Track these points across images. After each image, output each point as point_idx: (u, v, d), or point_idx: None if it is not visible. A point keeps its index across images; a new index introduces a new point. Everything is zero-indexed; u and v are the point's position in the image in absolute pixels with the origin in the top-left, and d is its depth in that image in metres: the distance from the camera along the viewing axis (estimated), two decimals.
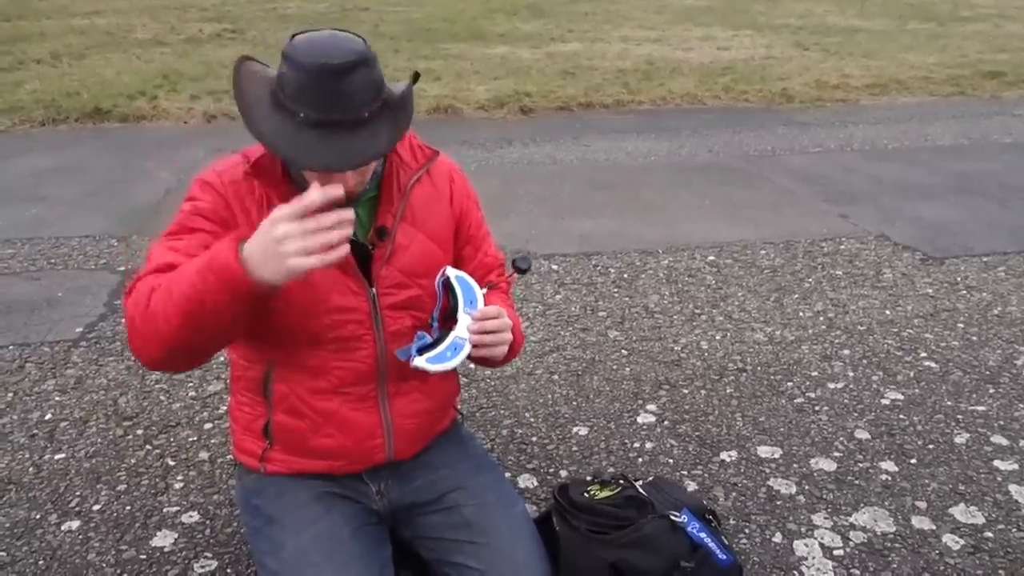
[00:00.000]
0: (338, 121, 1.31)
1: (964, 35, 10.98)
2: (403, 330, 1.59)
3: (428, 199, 1.62)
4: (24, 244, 3.90)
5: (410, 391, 1.66)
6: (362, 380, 1.60)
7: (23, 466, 2.26)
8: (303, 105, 1.31)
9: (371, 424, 1.63)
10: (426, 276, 1.60)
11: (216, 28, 11.67)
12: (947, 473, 2.23)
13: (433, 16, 13.12)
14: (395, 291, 1.57)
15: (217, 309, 1.26)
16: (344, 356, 1.57)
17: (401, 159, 1.58)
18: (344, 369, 1.58)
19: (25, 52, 9.39)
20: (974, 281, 3.49)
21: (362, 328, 1.56)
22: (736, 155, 5.55)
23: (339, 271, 1.52)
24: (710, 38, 10.80)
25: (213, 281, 1.24)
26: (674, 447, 2.35)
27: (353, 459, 1.65)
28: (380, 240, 1.55)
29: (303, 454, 1.65)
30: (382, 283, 1.56)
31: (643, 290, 3.41)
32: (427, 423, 1.72)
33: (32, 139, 6.03)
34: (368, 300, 1.55)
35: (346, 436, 1.62)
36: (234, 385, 1.72)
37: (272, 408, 1.63)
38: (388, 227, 1.55)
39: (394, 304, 1.58)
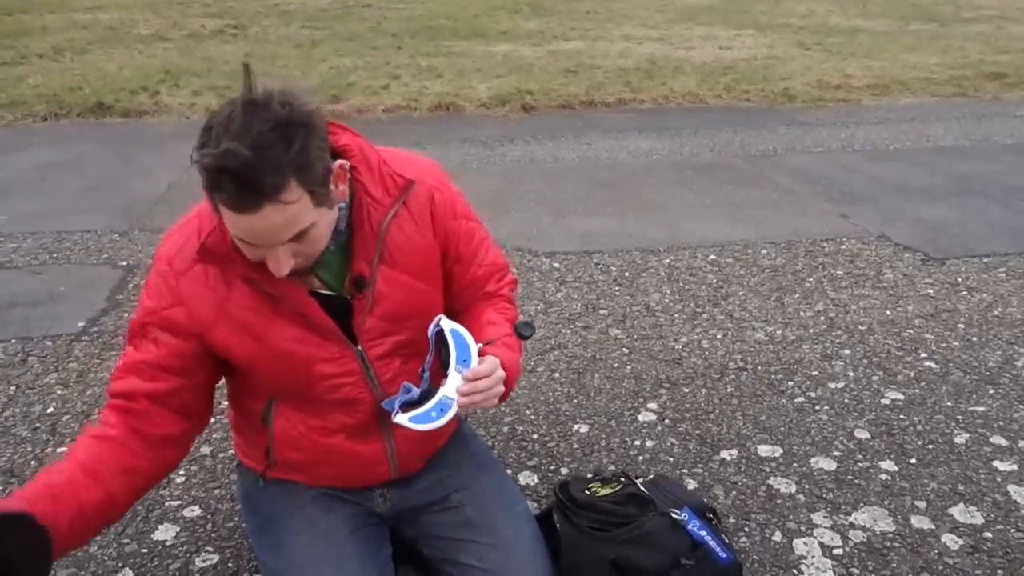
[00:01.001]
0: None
1: (966, 36, 10.97)
2: (398, 372, 1.54)
3: (407, 236, 1.48)
4: (26, 238, 3.91)
5: None
6: (361, 422, 1.57)
7: (25, 459, 2.26)
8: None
9: (375, 452, 1.61)
10: (413, 317, 1.51)
11: (218, 24, 11.67)
12: (947, 473, 2.23)
13: (435, 13, 13.11)
14: (381, 341, 1.51)
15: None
16: (343, 410, 1.55)
17: (372, 196, 1.43)
18: (344, 418, 1.56)
19: (27, 46, 9.38)
20: (975, 282, 3.49)
21: (357, 388, 1.52)
22: (737, 154, 5.56)
23: (320, 339, 1.45)
24: (712, 37, 10.79)
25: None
26: (675, 445, 2.36)
27: (357, 482, 1.66)
28: (359, 291, 1.45)
29: (306, 476, 1.65)
30: (366, 336, 1.49)
31: (644, 288, 3.42)
32: (430, 443, 1.71)
33: (34, 134, 6.03)
34: (356, 358, 1.50)
35: (349, 464, 1.61)
36: (233, 404, 1.70)
37: (273, 439, 1.61)
38: (366, 276, 1.45)
39: (382, 354, 1.52)
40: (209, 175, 1.19)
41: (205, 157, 1.18)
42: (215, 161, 1.17)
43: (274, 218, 1.22)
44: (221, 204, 1.22)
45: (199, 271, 1.41)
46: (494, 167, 5.17)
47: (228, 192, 1.19)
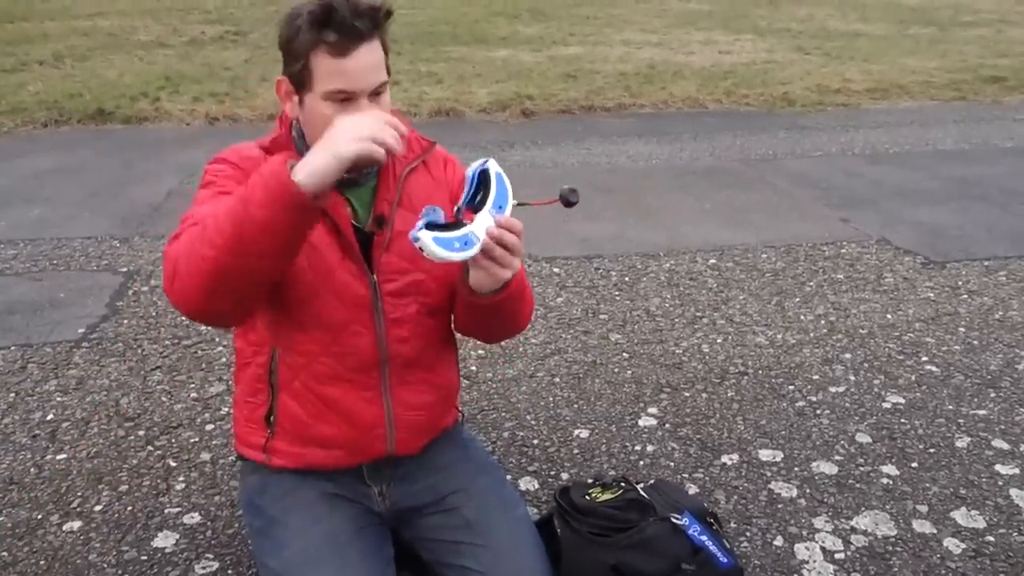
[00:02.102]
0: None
1: (965, 40, 10.99)
2: (405, 317, 1.61)
3: (424, 185, 1.64)
4: (26, 245, 3.91)
5: (413, 382, 1.66)
6: (363, 367, 1.60)
7: (25, 466, 2.26)
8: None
9: (373, 415, 1.63)
10: (426, 260, 1.56)
11: (219, 30, 11.69)
12: (948, 477, 2.23)
13: (435, 19, 13.13)
14: (396, 277, 1.59)
15: (261, 226, 1.26)
16: (345, 341, 1.58)
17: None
18: (345, 355, 1.59)
19: (28, 53, 9.40)
20: (975, 285, 3.49)
21: (363, 314, 1.57)
22: (737, 159, 5.56)
23: (342, 252, 1.55)
24: (711, 42, 10.81)
25: (261, 193, 1.26)
26: (675, 450, 2.35)
27: (354, 450, 1.65)
28: (379, 228, 1.58)
29: (304, 443, 1.65)
30: (382, 269, 1.58)
31: (644, 293, 3.42)
32: (428, 418, 1.71)
33: (35, 140, 6.04)
34: (368, 286, 1.57)
35: (348, 425, 1.62)
36: (238, 374, 1.72)
37: (276, 393, 1.63)
38: (386, 215, 1.58)
39: (394, 291, 1.59)
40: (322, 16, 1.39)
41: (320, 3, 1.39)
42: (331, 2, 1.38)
43: (370, 57, 1.43)
44: (325, 53, 1.41)
45: (261, 162, 1.47)
46: None
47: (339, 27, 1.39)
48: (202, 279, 1.31)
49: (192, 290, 1.33)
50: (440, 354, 1.72)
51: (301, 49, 1.42)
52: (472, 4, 15.65)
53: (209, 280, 1.31)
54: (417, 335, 1.64)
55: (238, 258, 1.29)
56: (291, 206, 1.26)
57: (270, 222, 1.27)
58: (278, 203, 1.26)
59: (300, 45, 1.42)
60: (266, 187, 1.26)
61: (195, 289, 1.33)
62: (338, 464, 1.67)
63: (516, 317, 1.64)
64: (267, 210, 1.26)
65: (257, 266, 1.32)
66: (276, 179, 1.26)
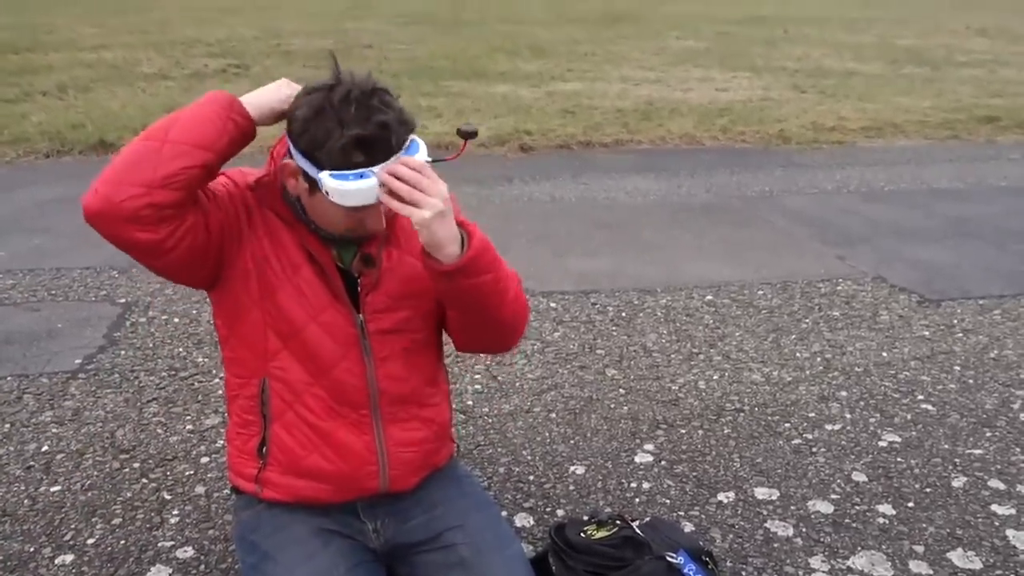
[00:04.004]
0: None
1: (959, 80, 11.12)
2: (393, 355, 1.62)
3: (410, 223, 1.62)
4: (25, 275, 3.92)
5: (405, 418, 1.67)
6: (354, 404, 1.62)
7: (18, 498, 2.25)
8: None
9: (365, 450, 1.63)
10: (413, 297, 1.63)
11: (221, 63, 11.81)
12: (944, 517, 2.22)
13: (436, 54, 13.28)
14: (383, 315, 1.61)
15: (194, 117, 1.43)
16: (335, 377, 1.60)
17: None
18: (335, 390, 1.61)
19: (32, 84, 9.48)
20: (970, 324, 3.51)
21: (350, 352, 1.59)
22: (734, 195, 5.60)
23: (330, 295, 1.57)
24: (708, 79, 10.94)
25: (203, 99, 1.46)
26: (671, 487, 2.35)
27: (346, 485, 1.66)
28: (366, 267, 1.59)
29: (296, 474, 1.65)
30: (369, 308, 1.60)
31: (641, 329, 3.43)
32: (422, 454, 1.71)
33: (36, 170, 6.07)
34: (355, 325, 1.59)
35: (340, 459, 1.63)
36: (231, 405, 1.73)
37: (269, 424, 1.64)
38: (373, 254, 1.59)
39: (382, 329, 1.61)
40: (356, 145, 1.37)
41: (351, 129, 1.36)
42: (365, 131, 1.37)
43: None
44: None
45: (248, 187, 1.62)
46: (492, 206, 5.21)
47: (376, 158, 1.38)
48: (114, 166, 1.41)
49: (103, 181, 1.41)
50: (431, 390, 1.73)
51: (324, 164, 1.40)
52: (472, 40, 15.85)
53: (123, 161, 1.40)
54: (406, 372, 1.65)
55: (158, 142, 1.40)
56: (227, 106, 1.44)
57: (203, 114, 1.43)
58: (217, 99, 1.45)
59: (324, 160, 1.40)
60: (208, 95, 1.46)
61: (106, 179, 1.40)
62: (331, 499, 1.67)
63: (495, 301, 1.56)
64: (204, 106, 1.44)
65: (169, 151, 1.39)
66: (218, 91, 1.46)
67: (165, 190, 1.38)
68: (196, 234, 1.46)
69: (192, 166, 1.40)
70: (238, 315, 1.60)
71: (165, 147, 1.39)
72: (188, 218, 1.44)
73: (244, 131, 1.46)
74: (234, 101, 1.45)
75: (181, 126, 1.41)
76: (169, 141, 1.39)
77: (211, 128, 1.42)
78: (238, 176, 1.60)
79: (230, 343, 1.66)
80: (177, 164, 1.38)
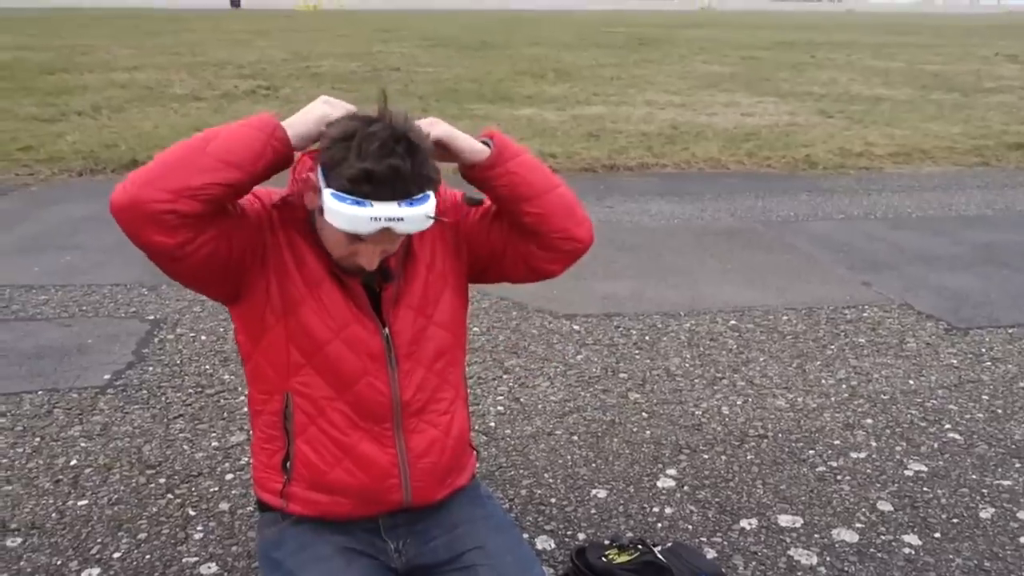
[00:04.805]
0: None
1: (988, 106, 11.05)
2: (417, 367, 1.66)
3: (422, 235, 1.63)
4: (57, 291, 3.99)
5: (425, 429, 1.69)
6: (376, 417, 1.64)
7: (47, 511, 2.28)
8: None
9: (387, 463, 1.65)
10: (433, 305, 1.68)
11: (251, 85, 12.01)
12: (972, 548, 2.19)
13: (461, 77, 13.42)
14: (407, 328, 1.64)
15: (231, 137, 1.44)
16: (359, 393, 1.62)
17: None
18: (359, 404, 1.63)
19: (67, 104, 9.70)
20: (999, 352, 3.47)
21: (376, 365, 1.62)
22: (759, 220, 5.59)
23: (356, 308, 1.61)
24: (734, 104, 10.95)
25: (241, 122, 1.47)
26: (693, 513, 2.33)
27: (370, 498, 1.67)
28: (386, 281, 1.62)
29: (321, 489, 1.67)
30: (394, 323, 1.63)
31: (664, 353, 3.42)
32: (443, 463, 1.72)
33: (70, 188, 6.19)
34: (382, 339, 1.62)
35: (363, 472, 1.65)
36: (255, 420, 1.75)
37: (292, 439, 1.66)
38: (392, 268, 1.62)
39: (407, 342, 1.64)
40: (360, 178, 1.39)
41: (365, 163, 1.39)
42: (376, 168, 1.38)
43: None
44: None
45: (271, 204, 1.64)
46: None
47: (380, 195, 1.39)
48: (149, 167, 1.43)
49: (133, 180, 1.43)
50: (450, 396, 1.75)
51: (333, 186, 1.43)
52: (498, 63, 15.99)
53: (157, 165, 1.43)
54: (428, 383, 1.68)
55: (189, 152, 1.43)
56: (267, 128, 1.45)
57: (241, 135, 1.45)
58: (255, 123, 1.46)
59: (334, 182, 1.42)
60: (245, 119, 1.47)
61: (137, 178, 1.42)
62: (354, 513, 1.68)
63: (543, 174, 1.67)
64: (242, 126, 1.46)
65: (204, 163, 1.42)
66: (256, 116, 1.47)
67: (191, 200, 1.41)
68: (216, 246, 1.49)
69: (222, 183, 1.43)
70: (262, 331, 1.63)
71: (201, 159, 1.42)
72: (209, 230, 1.46)
73: (281, 156, 1.48)
74: (276, 127, 1.47)
75: (221, 142, 1.44)
76: (206, 154, 1.42)
77: (249, 150, 1.44)
78: (264, 195, 1.62)
79: (253, 359, 1.68)
80: (208, 178, 1.41)
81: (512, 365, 3.26)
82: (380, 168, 1.39)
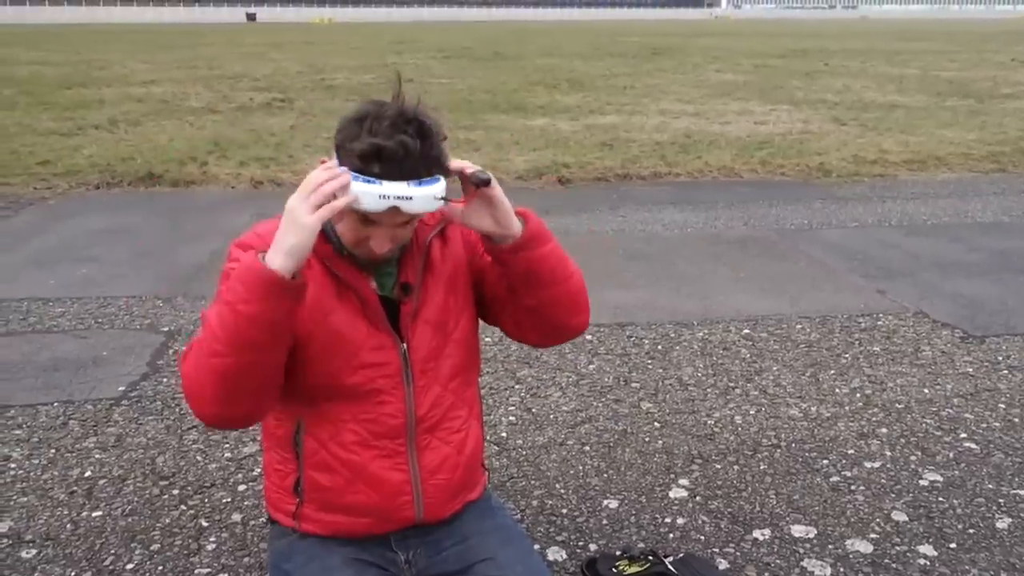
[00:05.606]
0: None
1: (1004, 112, 10.97)
2: (433, 382, 1.65)
3: (445, 251, 1.69)
4: (73, 303, 4.03)
5: (438, 445, 1.68)
6: (390, 434, 1.63)
7: (61, 522, 2.30)
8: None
9: (400, 481, 1.65)
10: (454, 323, 1.67)
11: (266, 97, 12.11)
12: (988, 559, 2.17)
13: (475, 88, 13.47)
14: (425, 343, 1.63)
15: (251, 320, 1.36)
16: (374, 410, 1.61)
17: (422, 220, 1.64)
18: (374, 423, 1.62)
19: (85, 118, 9.82)
20: (1016, 360, 3.43)
21: (392, 382, 1.61)
22: (772, 228, 5.57)
23: (370, 326, 1.59)
24: (747, 112, 10.93)
25: (241, 290, 1.36)
26: (706, 523, 2.32)
27: (383, 516, 1.67)
28: (405, 295, 1.62)
29: (334, 511, 1.67)
30: (412, 338, 1.62)
31: (677, 362, 3.41)
32: (455, 481, 1.72)
33: (87, 201, 6.26)
34: (399, 355, 1.61)
35: (375, 492, 1.64)
36: (266, 442, 1.76)
37: (302, 464, 1.66)
38: (412, 283, 1.62)
39: (424, 357, 1.63)
40: (370, 154, 1.39)
41: (375, 138, 1.39)
42: (385, 143, 1.38)
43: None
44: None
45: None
46: None
47: (388, 169, 1.39)
48: (216, 388, 1.41)
49: (212, 401, 1.43)
50: (464, 413, 1.74)
51: (345, 165, 1.43)
52: (511, 74, 16.04)
53: (222, 387, 1.41)
54: (444, 400, 1.67)
55: (240, 356, 1.39)
56: (274, 292, 1.35)
57: (258, 313, 1.36)
58: (261, 292, 1.35)
59: (346, 160, 1.43)
60: (244, 282, 1.36)
61: (214, 400, 1.43)
62: (368, 531, 1.68)
63: (563, 269, 1.65)
64: (253, 304, 1.36)
65: (260, 359, 1.41)
66: (251, 272, 1.35)
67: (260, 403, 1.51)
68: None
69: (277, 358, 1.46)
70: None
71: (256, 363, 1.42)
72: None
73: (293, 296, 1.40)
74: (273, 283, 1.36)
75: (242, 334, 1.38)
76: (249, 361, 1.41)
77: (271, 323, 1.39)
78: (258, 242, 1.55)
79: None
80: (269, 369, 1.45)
81: (524, 375, 3.26)
82: (390, 144, 1.39)
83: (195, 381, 1.42)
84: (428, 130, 1.44)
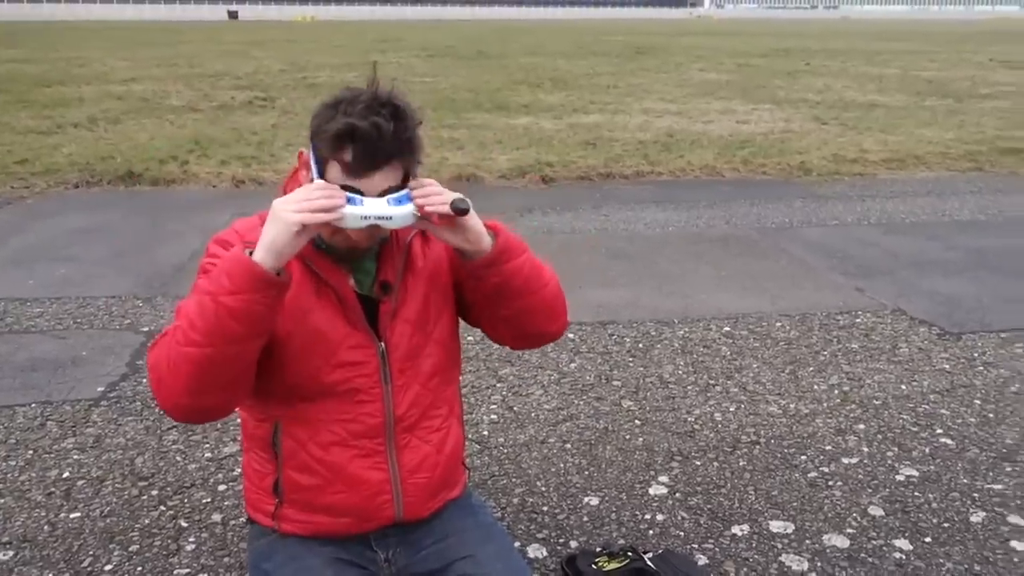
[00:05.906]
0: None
1: (982, 112, 11.09)
2: (412, 382, 1.64)
3: (426, 250, 1.68)
4: (52, 303, 4.00)
5: (418, 444, 1.68)
6: (369, 433, 1.63)
7: (39, 524, 2.28)
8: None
9: (379, 480, 1.64)
10: (434, 322, 1.66)
11: (248, 96, 12.04)
12: (962, 553, 2.20)
13: (458, 87, 13.46)
14: (403, 342, 1.62)
15: (233, 311, 1.35)
16: (352, 410, 1.61)
17: None
18: (352, 422, 1.61)
19: (64, 116, 9.72)
20: (991, 357, 3.47)
21: (370, 381, 1.61)
22: (753, 227, 5.61)
23: (348, 325, 1.58)
24: (729, 111, 10.99)
25: (226, 281, 1.35)
26: (685, 519, 2.34)
27: (362, 516, 1.67)
28: (385, 294, 1.61)
29: (313, 511, 1.67)
30: (391, 337, 1.61)
31: (658, 360, 3.43)
32: (435, 479, 1.72)
33: (66, 201, 6.20)
34: (377, 354, 1.60)
35: (354, 492, 1.64)
36: (245, 442, 1.76)
37: (281, 465, 1.65)
38: (391, 281, 1.61)
39: (403, 356, 1.63)
40: (344, 135, 1.40)
41: (350, 118, 1.39)
42: (359, 123, 1.39)
43: (384, 182, 1.44)
44: (339, 168, 1.42)
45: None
46: None
47: (357, 152, 1.40)
48: (188, 379, 1.40)
49: (181, 391, 1.42)
50: (445, 414, 1.75)
51: (320, 153, 1.45)
52: (495, 72, 16.04)
53: (194, 377, 1.40)
54: (423, 399, 1.67)
55: (217, 348, 1.38)
56: (259, 286, 1.35)
57: (241, 306, 1.35)
58: (246, 285, 1.35)
59: (320, 150, 1.44)
60: (230, 274, 1.35)
61: (184, 390, 1.41)
62: (348, 531, 1.68)
63: (536, 279, 1.62)
64: (237, 296, 1.35)
65: (236, 350, 1.40)
66: (238, 264, 1.35)
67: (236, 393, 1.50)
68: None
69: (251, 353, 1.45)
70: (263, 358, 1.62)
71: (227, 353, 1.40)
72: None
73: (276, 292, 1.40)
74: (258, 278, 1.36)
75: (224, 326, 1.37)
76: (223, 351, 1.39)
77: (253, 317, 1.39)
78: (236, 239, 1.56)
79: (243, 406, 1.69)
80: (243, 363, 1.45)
81: (506, 374, 3.27)
82: (364, 124, 1.39)
83: (165, 369, 1.41)
84: (402, 112, 1.44)
